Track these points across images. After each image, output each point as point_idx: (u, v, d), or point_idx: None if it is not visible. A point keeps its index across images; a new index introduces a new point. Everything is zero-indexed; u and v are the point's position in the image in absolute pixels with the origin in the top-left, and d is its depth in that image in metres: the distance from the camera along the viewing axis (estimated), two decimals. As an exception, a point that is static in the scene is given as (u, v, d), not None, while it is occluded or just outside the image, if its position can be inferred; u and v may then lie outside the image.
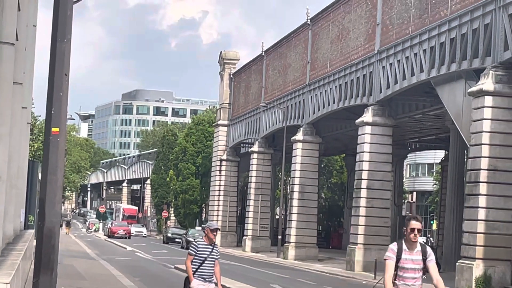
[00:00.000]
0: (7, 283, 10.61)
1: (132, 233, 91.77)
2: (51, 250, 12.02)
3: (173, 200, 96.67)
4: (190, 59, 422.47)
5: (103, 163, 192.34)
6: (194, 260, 14.88)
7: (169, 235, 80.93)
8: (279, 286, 30.65)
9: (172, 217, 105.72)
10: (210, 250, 14.61)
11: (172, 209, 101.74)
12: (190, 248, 14.97)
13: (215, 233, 15.10)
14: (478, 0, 32.68)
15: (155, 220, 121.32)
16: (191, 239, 59.19)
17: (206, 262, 14.89)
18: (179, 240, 72.91)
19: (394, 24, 42.31)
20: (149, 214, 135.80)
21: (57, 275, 12.15)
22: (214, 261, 14.84)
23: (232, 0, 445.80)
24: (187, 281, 14.60)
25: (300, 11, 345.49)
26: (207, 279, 14.57)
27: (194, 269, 14.92)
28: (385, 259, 10.15)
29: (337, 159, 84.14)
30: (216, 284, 14.85)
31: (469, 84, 33.74)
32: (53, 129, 12.47)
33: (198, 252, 14.88)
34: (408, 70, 40.01)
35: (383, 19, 43.77)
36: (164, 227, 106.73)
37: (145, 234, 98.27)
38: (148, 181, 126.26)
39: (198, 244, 14.96)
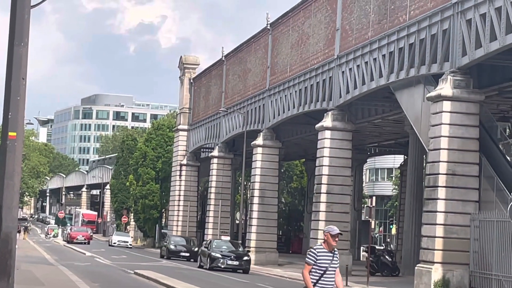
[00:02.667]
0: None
1: (114, 242, 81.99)
2: (8, 256, 11.94)
3: (133, 205, 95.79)
4: (149, 63, 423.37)
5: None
6: (313, 270, 13.22)
7: (172, 247, 60.16)
8: None
9: (132, 222, 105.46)
10: (331, 258, 13.03)
11: (132, 214, 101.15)
12: (309, 256, 13.25)
13: (337, 239, 13.43)
14: (437, 5, 33.22)
15: (114, 225, 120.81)
16: (218, 255, 45.85)
17: (327, 272, 13.21)
18: (187, 255, 58.74)
19: (353, 29, 42.91)
20: (108, 220, 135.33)
21: (14, 281, 12.09)
22: (335, 270, 13.26)
23: (191, 5, 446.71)
24: None
25: (259, 16, 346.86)
26: None
27: (314, 281, 13.28)
28: None
29: (297, 164, 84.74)
30: None
31: (428, 89, 34.20)
32: (10, 133, 12.40)
33: (318, 261, 13.21)
34: (368, 75, 40.41)
35: (343, 24, 44.31)
36: (117, 231, 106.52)
37: (130, 244, 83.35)
38: (108, 186, 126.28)
39: (318, 252, 13.24)
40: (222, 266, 44.44)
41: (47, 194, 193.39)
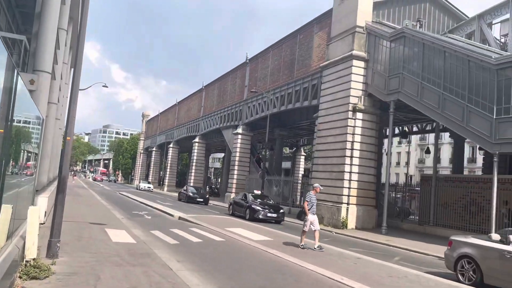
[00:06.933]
0: None
1: (142, 187, 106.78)
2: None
3: (121, 167, 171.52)
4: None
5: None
6: (309, 205, 16.14)
7: (190, 194, 68.14)
8: (178, 230, 29.66)
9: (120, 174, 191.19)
10: (316, 198, 14.65)
11: (120, 171, 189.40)
12: (307, 198, 15.14)
13: (318, 190, 21.10)
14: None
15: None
16: None
17: (313, 206, 16.63)
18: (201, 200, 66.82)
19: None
20: (111, 173, 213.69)
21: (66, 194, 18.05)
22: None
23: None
24: None
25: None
26: None
27: (309, 208, 16.56)
28: None
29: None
30: None
31: (234, 129, 71.64)
32: None
33: (311, 200, 16.32)
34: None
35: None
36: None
37: (152, 189, 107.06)
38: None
39: (311, 195, 16.28)
40: None
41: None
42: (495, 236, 20.11)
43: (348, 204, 43.27)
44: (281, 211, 43.29)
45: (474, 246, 20.36)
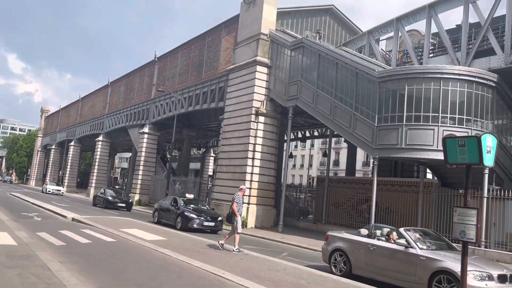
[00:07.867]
0: None
1: (49, 190, 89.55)
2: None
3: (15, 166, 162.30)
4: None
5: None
6: (238, 205, 16.51)
7: (110, 198, 59.65)
8: (68, 232, 28.73)
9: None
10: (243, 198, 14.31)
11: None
12: (235, 198, 15.11)
13: (243, 191, 21.34)
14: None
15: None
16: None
17: (242, 206, 17.28)
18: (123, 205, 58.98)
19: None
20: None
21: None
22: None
23: None
24: None
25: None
26: None
27: (238, 209, 18.06)
28: None
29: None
30: None
31: (140, 128, 73.02)
32: None
33: (239, 200, 16.01)
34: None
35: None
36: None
37: (62, 192, 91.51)
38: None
39: (239, 196, 16.03)
40: None
41: None
42: (364, 231, 22.48)
43: (248, 204, 45.76)
44: (219, 219, 38.32)
45: (345, 240, 22.72)
